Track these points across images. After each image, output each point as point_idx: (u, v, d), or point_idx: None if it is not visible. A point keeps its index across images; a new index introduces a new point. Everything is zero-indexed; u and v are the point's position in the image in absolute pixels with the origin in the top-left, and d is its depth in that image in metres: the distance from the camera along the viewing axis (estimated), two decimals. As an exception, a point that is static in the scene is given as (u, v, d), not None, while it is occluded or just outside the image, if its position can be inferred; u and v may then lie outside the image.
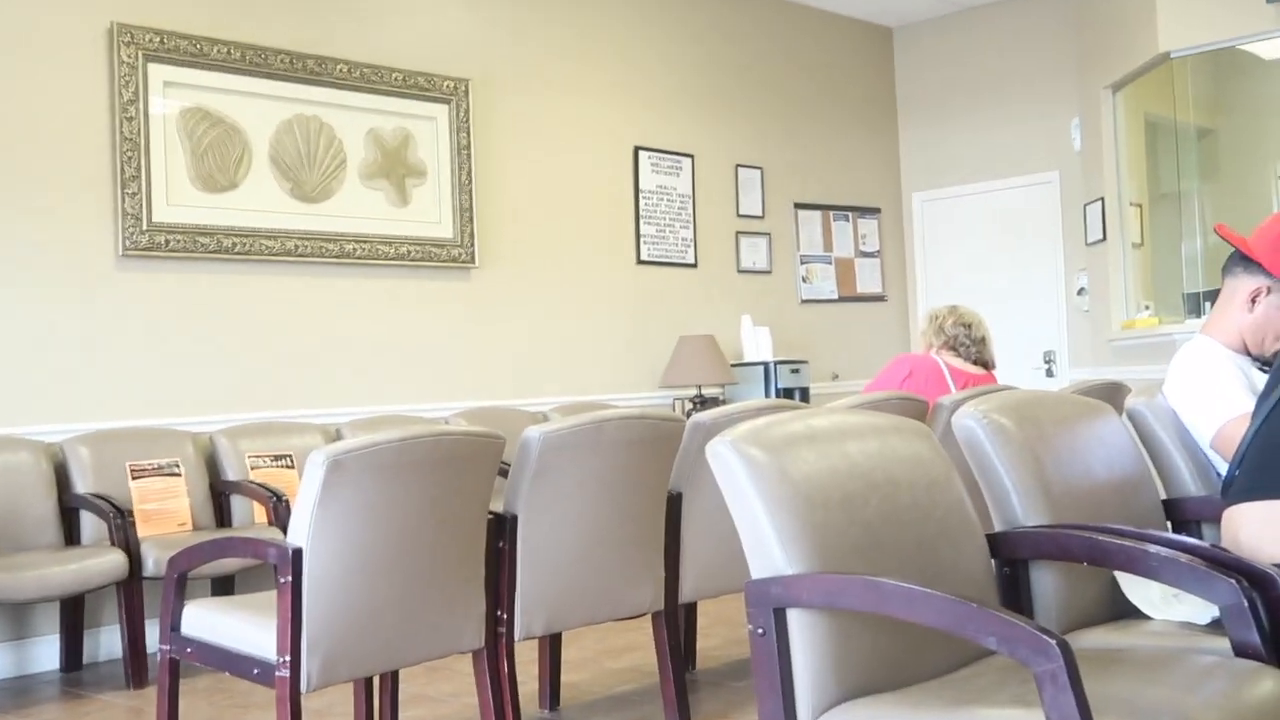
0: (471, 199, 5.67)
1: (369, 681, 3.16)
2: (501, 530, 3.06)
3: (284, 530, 4.14)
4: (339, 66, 5.27)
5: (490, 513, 3.03)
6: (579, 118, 6.25)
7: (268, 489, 4.41)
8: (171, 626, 2.93)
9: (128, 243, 4.63)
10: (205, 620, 2.85)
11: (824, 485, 1.85)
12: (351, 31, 5.35)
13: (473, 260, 5.67)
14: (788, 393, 6.44)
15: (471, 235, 5.66)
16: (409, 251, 5.44)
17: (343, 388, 5.20)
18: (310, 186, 5.19)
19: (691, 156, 6.77)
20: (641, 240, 6.48)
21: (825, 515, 1.81)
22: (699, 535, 3.44)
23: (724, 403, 6.06)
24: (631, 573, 3.27)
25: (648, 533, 3.30)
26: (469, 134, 5.69)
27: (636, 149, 6.48)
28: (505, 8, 5.95)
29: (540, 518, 3.09)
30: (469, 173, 5.67)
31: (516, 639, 3.08)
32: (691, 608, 3.93)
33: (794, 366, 6.60)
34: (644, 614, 3.35)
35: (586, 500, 3.16)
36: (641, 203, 6.49)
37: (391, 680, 3.21)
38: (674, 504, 3.39)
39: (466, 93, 5.69)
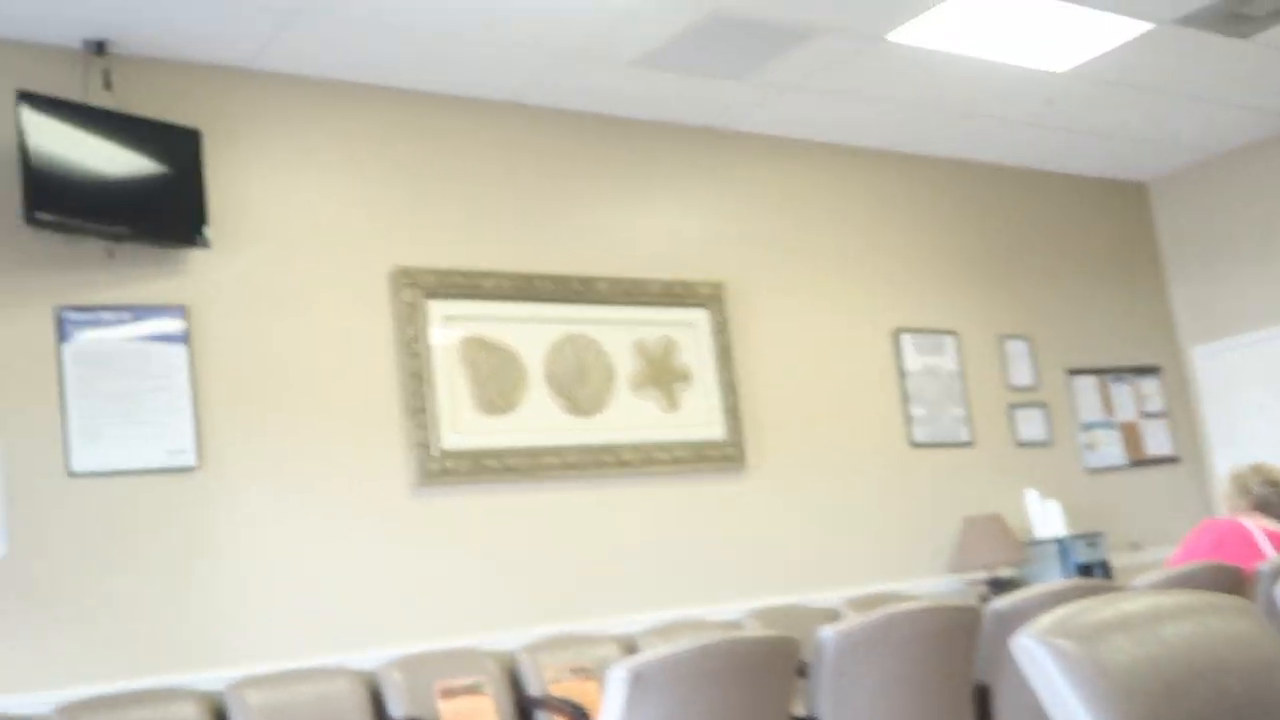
0: (737, 398, 5.84)
1: None
2: (805, 734, 3.07)
3: (587, 744, 4.26)
4: (601, 284, 5.60)
5: (793, 717, 3.05)
6: (836, 307, 6.37)
7: (570, 703, 4.54)
8: None
9: (420, 471, 4.96)
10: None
11: (1143, 675, 1.82)
12: (609, 250, 5.69)
13: (743, 458, 5.79)
14: (1086, 569, 6.20)
15: (739, 434, 5.80)
16: (682, 455, 5.62)
17: (630, 594, 5.33)
18: (584, 401, 5.46)
19: (954, 333, 6.77)
20: (913, 422, 6.48)
21: (1148, 709, 1.78)
22: (1012, 728, 3.36)
23: (1020, 584, 5.88)
24: (945, 771, 3.21)
25: (957, 728, 3.25)
26: (728, 335, 5.90)
27: (897, 331, 6.55)
28: (754, 209, 6.20)
29: (844, 718, 3.09)
30: (732, 372, 5.86)
31: None
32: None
33: (1090, 540, 6.37)
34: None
35: (889, 696, 3.14)
36: (908, 384, 6.51)
37: None
38: (981, 696, 3.32)
39: (722, 295, 5.93)
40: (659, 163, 5.98)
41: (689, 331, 5.82)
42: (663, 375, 5.70)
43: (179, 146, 4.60)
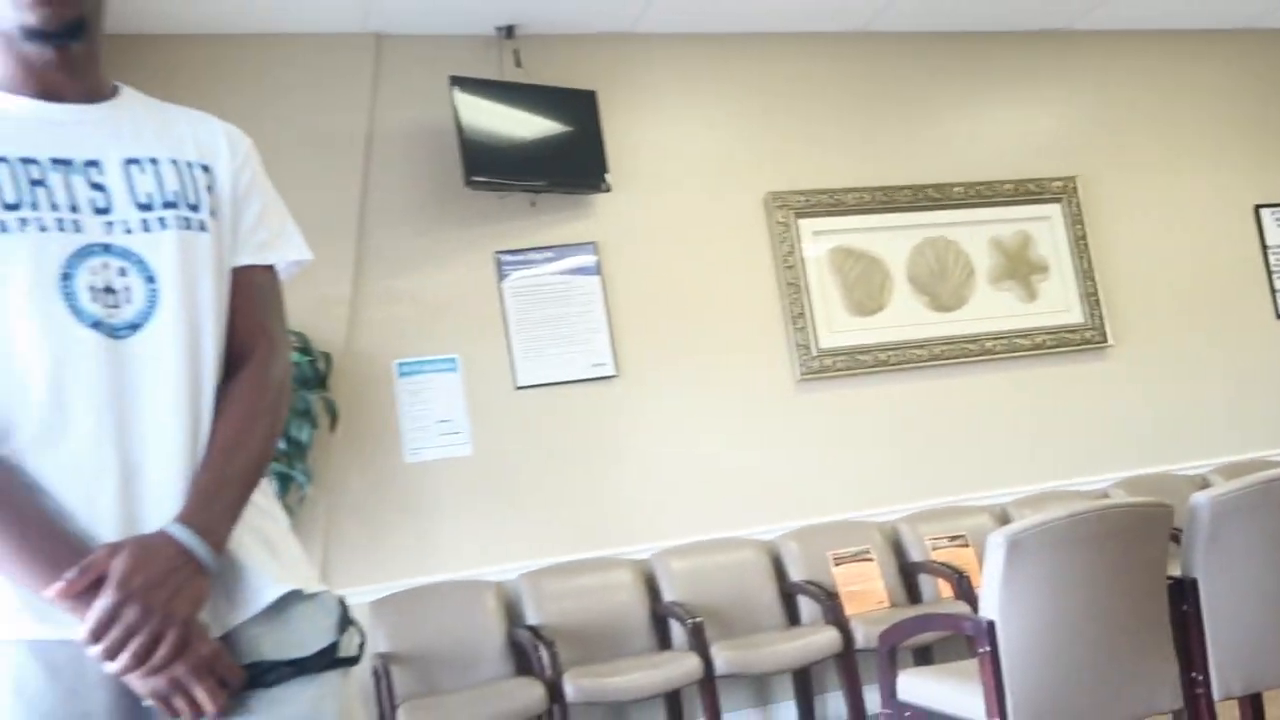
0: (1095, 284, 5.45)
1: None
2: (1183, 594, 2.86)
3: (968, 603, 4.17)
4: (955, 189, 5.36)
5: (1169, 578, 2.85)
6: (1192, 187, 5.79)
7: (950, 567, 4.47)
8: (890, 694, 3.06)
9: (802, 368, 4.98)
10: (919, 687, 2.95)
11: None
12: (961, 156, 5.43)
13: (1104, 339, 5.41)
14: None
15: (1099, 317, 5.43)
16: (1043, 340, 5.33)
17: (996, 470, 5.15)
18: (946, 297, 5.28)
19: (1317, 201, 6.00)
20: (1277, 295, 5.82)
21: None
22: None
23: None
24: (1329, 629, 2.91)
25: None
26: (1083, 224, 5.50)
27: (1256, 207, 5.88)
28: (1100, 103, 5.73)
29: (1220, 579, 2.86)
30: (1089, 260, 5.47)
31: (1215, 699, 2.84)
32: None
33: None
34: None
35: (1265, 557, 2.87)
36: (1271, 258, 5.84)
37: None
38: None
39: (1074, 188, 5.53)
40: (1003, 70, 5.62)
41: (1044, 225, 5.48)
42: (1020, 268, 5.41)
43: (580, 108, 4.77)
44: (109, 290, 1.23)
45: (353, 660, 1.31)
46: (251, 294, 1.38)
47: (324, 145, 4.48)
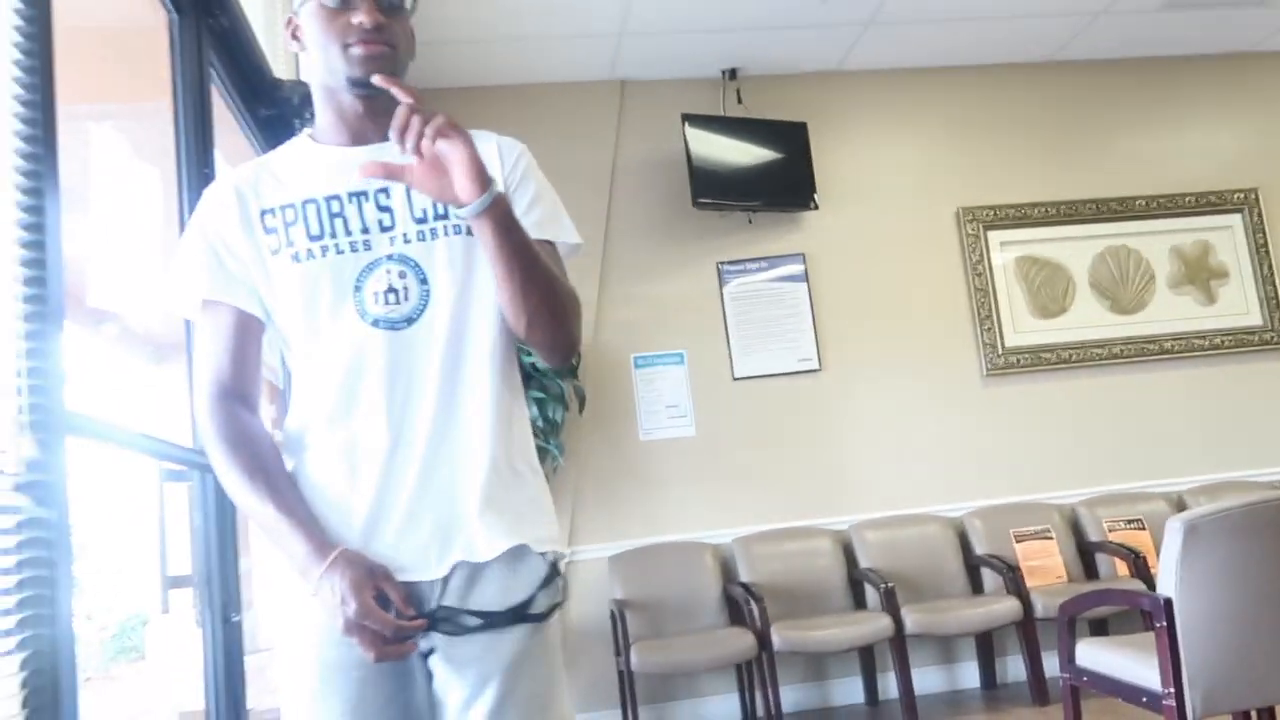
0: (1275, 288, 5.11)
1: (1246, 715, 2.94)
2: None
3: (1143, 582, 4.03)
4: (1138, 202, 5.13)
5: (1343, 569, 2.69)
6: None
7: (1127, 548, 4.31)
8: (1068, 659, 3.01)
9: (988, 365, 4.89)
10: (1097, 656, 2.89)
11: None
12: (1143, 171, 5.19)
13: (1283, 341, 5.08)
14: None
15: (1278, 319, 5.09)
16: (1221, 341, 5.04)
17: (1172, 461, 4.90)
18: (1126, 301, 5.06)
19: None
20: None
21: None
22: None
23: None
24: None
25: None
26: (1265, 233, 5.16)
27: None
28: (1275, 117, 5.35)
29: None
30: (1270, 266, 5.13)
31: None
32: None
33: None
34: None
35: None
36: None
37: (1269, 716, 2.95)
38: None
39: (1257, 199, 5.19)
40: (1186, 91, 5.32)
41: (1224, 234, 5.18)
42: (1199, 274, 5.13)
43: (792, 137, 4.83)
44: (391, 290, 1.31)
45: (537, 617, 1.29)
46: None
47: (577, 175, 4.70)
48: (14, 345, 1.15)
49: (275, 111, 2.60)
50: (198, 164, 2.09)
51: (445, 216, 1.35)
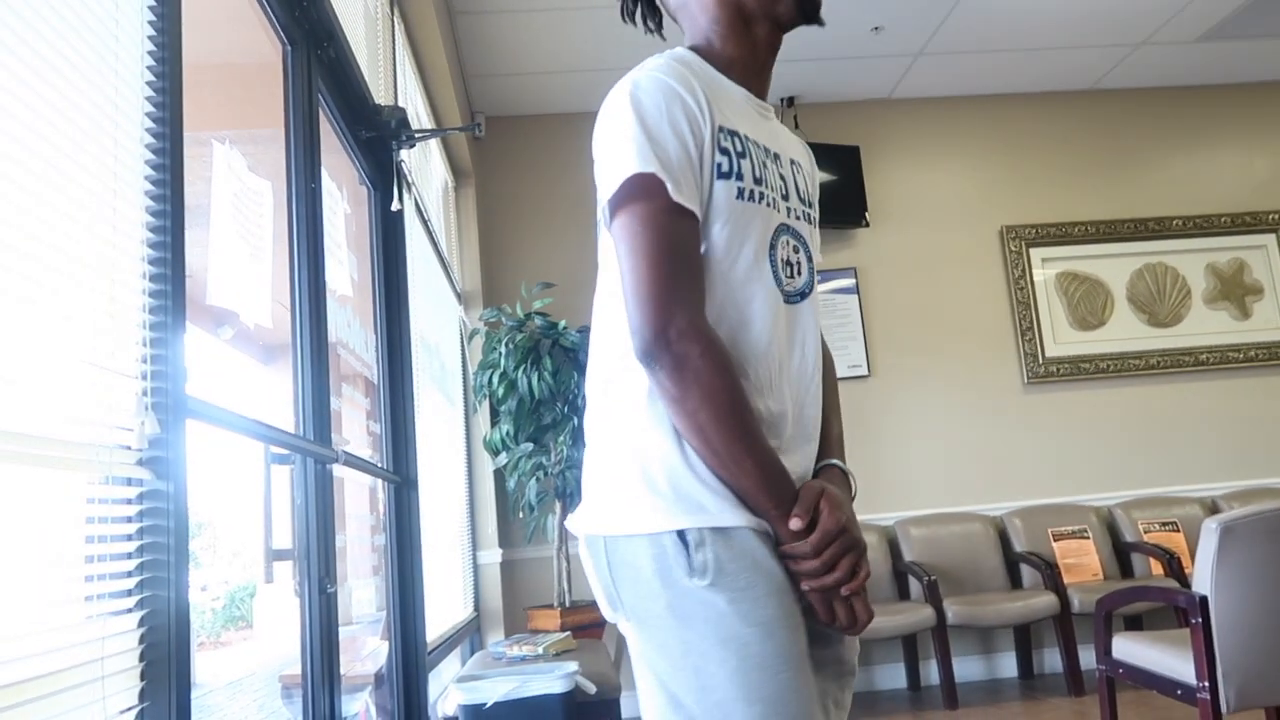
0: (1310, 304, 4.91)
1: (1278, 711, 2.80)
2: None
3: (1178, 581, 3.87)
4: (1174, 221, 4.96)
5: (1379, 572, 2.56)
6: None
7: (1161, 548, 4.16)
8: (1105, 651, 2.91)
9: (1029, 373, 4.77)
10: (1133, 649, 2.79)
11: None
12: (1181, 193, 5.02)
13: (1318, 354, 4.86)
14: None
15: (1314, 334, 4.88)
16: (1256, 354, 4.84)
17: (1206, 467, 4.73)
18: (1162, 315, 4.90)
19: None
20: None
21: None
22: None
23: None
24: None
25: None
26: (1300, 251, 4.96)
27: None
28: (1319, 142, 5.13)
29: None
30: (1304, 283, 4.93)
31: None
32: None
33: None
34: None
35: None
36: None
37: (1298, 709, 2.82)
38: None
39: (1291, 219, 4.98)
40: (1222, 116, 5.14)
41: (1259, 253, 4.98)
42: (1234, 290, 4.93)
43: (845, 159, 4.77)
44: (788, 263, 1.14)
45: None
46: None
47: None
48: (140, 334, 1.17)
49: (375, 134, 2.64)
50: (306, 179, 2.12)
51: (809, 204, 1.22)
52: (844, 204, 4.74)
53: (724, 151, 1.09)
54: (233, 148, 1.95)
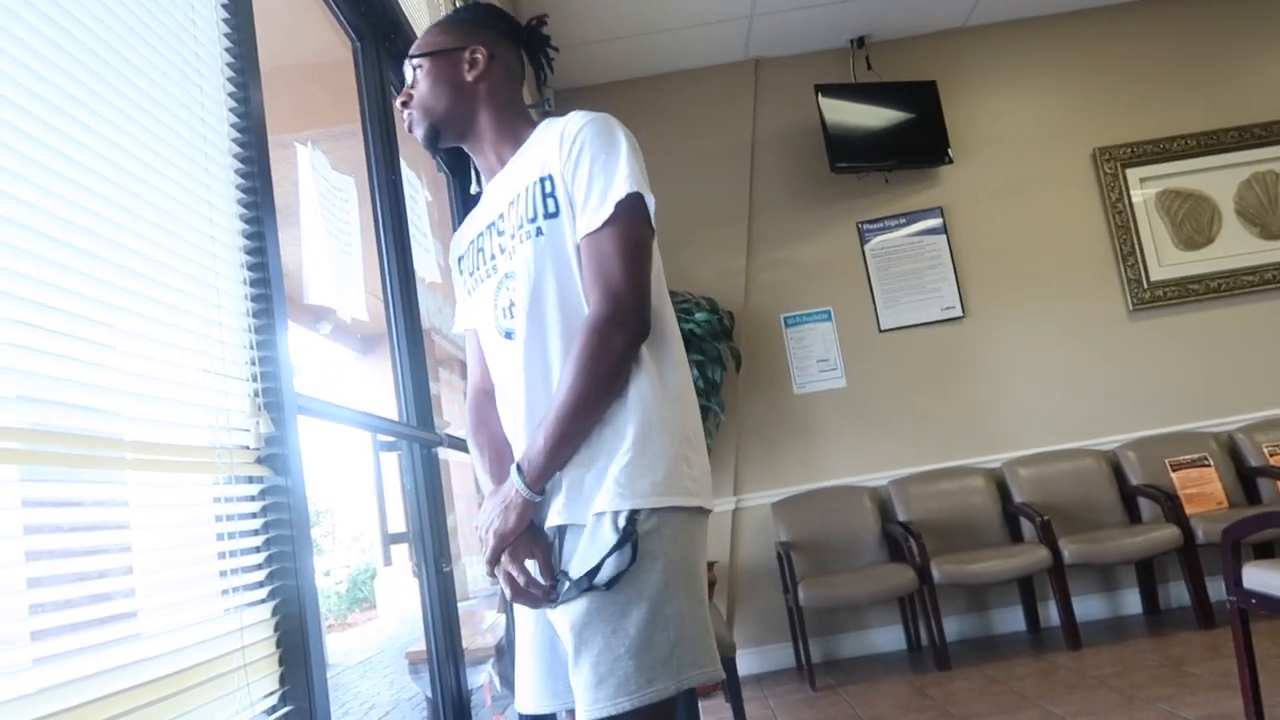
0: None
1: None
2: None
3: (1311, 505, 3.68)
4: (1283, 125, 4.66)
5: None
6: None
7: (1290, 472, 3.97)
8: (1235, 581, 2.79)
9: (1134, 300, 4.57)
10: (1265, 577, 2.67)
11: None
12: (1289, 94, 4.71)
13: None
14: None
15: None
16: (1383, 259, 4.54)
17: (1339, 383, 4.48)
18: (1275, 227, 4.62)
19: None
20: None
21: None
22: None
23: None
24: None
25: None
26: None
27: None
28: None
29: None
30: None
31: None
32: None
33: None
34: None
35: None
36: None
37: None
38: None
39: None
40: (1332, 7, 4.79)
41: (1379, 151, 4.64)
42: (1355, 193, 4.62)
43: (922, 96, 4.62)
44: (511, 304, 1.34)
45: (599, 587, 1.18)
46: (589, 260, 1.26)
47: (719, 154, 4.66)
48: (247, 338, 1.22)
49: (447, 120, 2.66)
50: (387, 171, 2.16)
51: (522, 225, 1.36)
52: (925, 141, 4.60)
53: None
54: (314, 147, 2.00)
